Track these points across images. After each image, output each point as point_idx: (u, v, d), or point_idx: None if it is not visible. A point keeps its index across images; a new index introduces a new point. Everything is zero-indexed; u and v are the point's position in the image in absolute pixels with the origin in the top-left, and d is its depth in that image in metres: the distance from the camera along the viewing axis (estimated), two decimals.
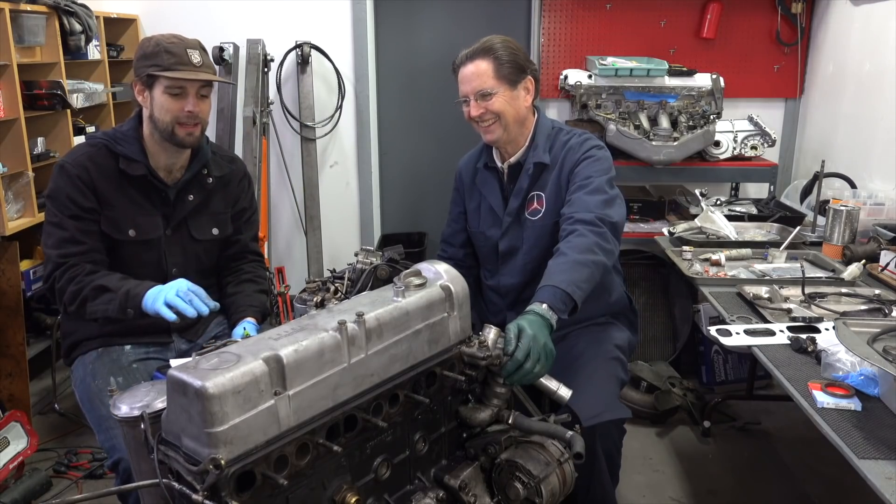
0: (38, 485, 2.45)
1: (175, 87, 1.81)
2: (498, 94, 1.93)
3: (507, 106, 1.94)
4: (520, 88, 1.95)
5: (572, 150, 1.98)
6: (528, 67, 1.96)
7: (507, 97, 1.94)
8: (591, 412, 1.75)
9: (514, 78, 1.93)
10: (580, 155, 1.96)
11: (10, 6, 2.67)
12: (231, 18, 3.70)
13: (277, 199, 3.96)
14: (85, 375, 1.86)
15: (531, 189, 2.02)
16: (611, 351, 1.99)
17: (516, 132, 2.00)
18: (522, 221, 2.04)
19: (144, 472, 1.16)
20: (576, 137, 2.01)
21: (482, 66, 1.92)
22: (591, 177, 1.92)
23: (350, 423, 1.18)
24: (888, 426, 1.44)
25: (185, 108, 1.82)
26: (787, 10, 3.61)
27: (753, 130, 3.44)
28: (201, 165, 1.98)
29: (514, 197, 2.04)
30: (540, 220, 2.00)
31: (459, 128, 4.05)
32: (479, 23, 3.89)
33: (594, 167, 1.94)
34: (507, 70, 1.92)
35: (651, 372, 3.07)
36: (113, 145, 1.87)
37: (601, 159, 1.96)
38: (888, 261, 2.25)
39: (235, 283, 2.10)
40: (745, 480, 2.60)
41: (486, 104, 1.94)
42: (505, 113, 1.94)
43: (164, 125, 1.83)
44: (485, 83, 1.92)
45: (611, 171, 1.96)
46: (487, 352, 1.39)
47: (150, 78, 1.82)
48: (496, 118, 1.95)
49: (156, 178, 1.91)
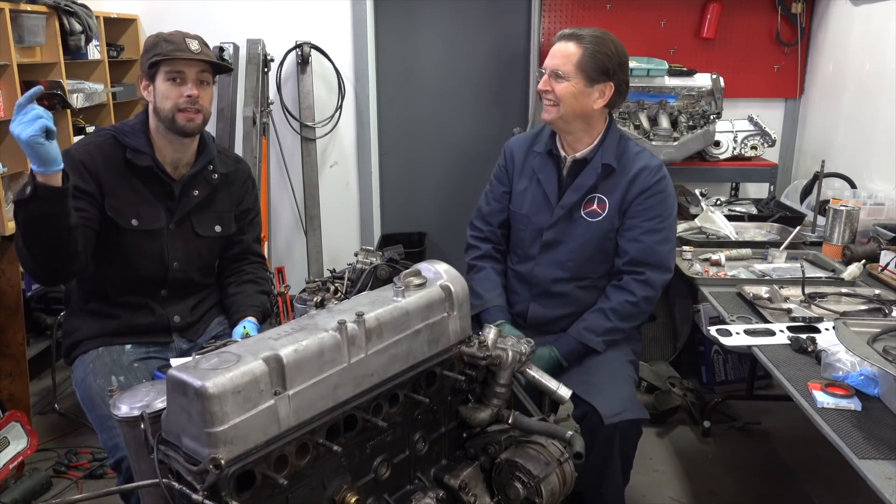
0: (38, 485, 2.45)
1: (173, 72, 1.82)
2: (569, 82, 1.92)
3: (570, 97, 1.93)
4: (595, 88, 1.93)
5: (647, 171, 1.99)
6: (615, 75, 1.94)
7: (576, 88, 1.92)
8: (612, 410, 1.79)
9: (593, 76, 1.92)
10: (654, 182, 1.98)
11: (10, 6, 2.66)
12: (231, 18, 3.71)
13: (277, 199, 3.96)
14: (85, 375, 1.86)
15: (594, 189, 2.01)
16: (627, 354, 2.05)
17: (576, 126, 1.99)
18: (575, 218, 2.03)
19: (144, 472, 1.16)
20: (648, 156, 2.03)
21: (570, 49, 1.92)
22: (662, 217, 1.99)
23: (350, 423, 1.18)
24: (888, 426, 1.43)
25: (185, 93, 1.83)
26: (787, 10, 3.61)
27: (753, 130, 3.44)
28: (207, 161, 1.99)
29: (573, 191, 2.03)
30: (597, 224, 2.01)
31: (460, 128, 4.07)
32: (479, 23, 3.90)
33: (665, 206, 2.00)
34: (589, 64, 1.91)
35: (651, 372, 3.07)
36: (121, 137, 1.88)
37: (670, 195, 2.02)
38: (888, 261, 2.25)
39: (237, 283, 2.10)
40: (745, 480, 2.60)
41: (555, 84, 1.94)
42: (564, 101, 1.93)
43: (165, 113, 1.84)
44: (563, 65, 1.92)
45: (675, 207, 2.07)
46: (487, 352, 1.39)
47: (152, 70, 1.83)
48: (556, 101, 1.95)
49: (162, 172, 1.91)
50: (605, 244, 2.02)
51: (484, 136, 4.04)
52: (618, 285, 2.01)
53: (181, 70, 1.83)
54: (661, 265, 1.99)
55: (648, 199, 1.98)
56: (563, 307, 2.07)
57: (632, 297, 1.97)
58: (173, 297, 1.99)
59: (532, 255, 2.10)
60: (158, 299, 1.97)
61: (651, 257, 1.98)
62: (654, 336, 3.42)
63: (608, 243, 2.03)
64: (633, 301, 1.97)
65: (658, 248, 1.98)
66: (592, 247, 2.03)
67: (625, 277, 2.00)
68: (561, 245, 2.05)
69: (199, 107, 1.86)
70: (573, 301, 2.06)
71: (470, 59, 3.94)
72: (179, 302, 2.00)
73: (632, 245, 1.99)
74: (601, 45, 1.91)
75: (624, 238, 2.00)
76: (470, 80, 3.97)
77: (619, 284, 2.00)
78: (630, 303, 1.97)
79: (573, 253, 2.04)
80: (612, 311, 1.98)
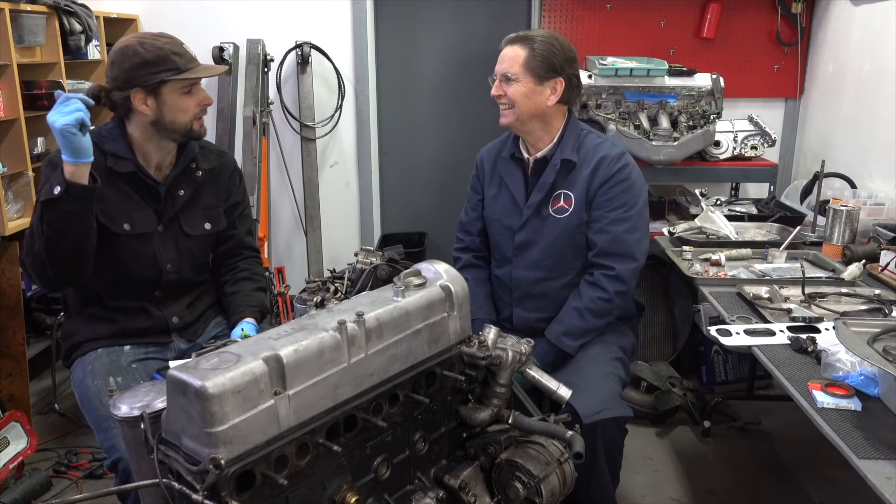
0: (38, 485, 2.45)
1: (188, 85, 1.84)
2: (519, 83, 1.96)
3: (523, 97, 1.96)
4: (546, 86, 1.97)
5: (607, 160, 2.01)
6: (563, 70, 1.97)
7: (527, 89, 1.96)
8: (591, 409, 1.77)
9: (541, 74, 1.95)
10: (615, 171, 2.00)
11: (10, 6, 2.66)
12: (231, 18, 3.70)
13: (277, 199, 3.96)
14: (84, 376, 1.86)
15: (557, 186, 2.05)
16: (613, 351, 2.03)
17: (534, 126, 2.03)
18: (544, 216, 2.06)
19: (144, 472, 1.16)
20: (609, 145, 2.05)
21: (516, 52, 1.96)
22: (628, 206, 1.99)
23: (350, 423, 1.18)
24: (888, 426, 1.44)
25: (201, 103, 1.87)
26: (787, 10, 3.61)
27: (753, 130, 3.43)
28: (189, 160, 1.97)
29: (537, 191, 2.06)
30: (565, 220, 2.04)
31: (460, 127, 4.06)
32: (479, 23, 3.90)
33: (631, 194, 2.00)
34: (536, 64, 1.94)
35: (651, 372, 3.07)
36: (101, 143, 1.85)
37: (635, 184, 2.02)
38: (888, 261, 2.25)
39: (232, 281, 2.09)
40: (745, 480, 2.60)
41: (506, 88, 1.98)
42: (519, 103, 1.97)
43: (181, 125, 1.85)
44: (511, 68, 1.96)
45: (644, 193, 2.05)
46: (487, 352, 1.39)
47: (159, 83, 1.80)
48: (511, 104, 1.98)
49: (144, 175, 1.90)
50: (576, 238, 2.05)
51: (484, 135, 3.98)
52: (591, 281, 2.03)
53: (195, 82, 1.85)
54: (629, 254, 2.00)
55: (612, 189, 1.99)
56: (546, 310, 2.08)
57: (604, 294, 1.99)
58: (168, 297, 1.98)
59: (509, 258, 2.13)
60: (153, 301, 1.96)
61: (619, 247, 1.99)
62: (654, 336, 3.42)
63: (579, 237, 2.05)
64: (606, 298, 1.99)
65: (626, 237, 2.00)
66: (564, 242, 2.05)
67: (595, 273, 2.02)
68: (534, 245, 2.08)
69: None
70: (555, 303, 2.08)
71: (470, 59, 3.93)
72: (175, 302, 1.99)
73: (599, 236, 2.01)
74: (545, 44, 1.95)
75: (592, 230, 2.03)
76: (470, 79, 3.96)
77: (592, 280, 2.03)
78: (603, 300, 1.99)
79: (546, 251, 2.06)
80: (587, 311, 2.00)
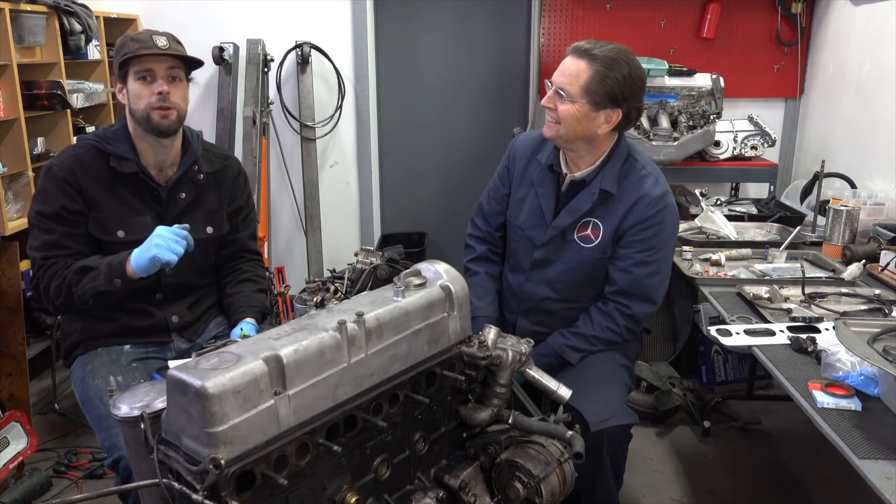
0: (38, 485, 2.45)
1: (143, 71, 1.81)
2: (574, 105, 1.80)
3: (572, 119, 1.81)
4: (601, 113, 1.81)
5: (646, 200, 1.88)
6: (625, 102, 1.80)
7: (580, 113, 1.80)
8: (599, 417, 1.77)
9: (599, 101, 1.79)
10: (651, 214, 1.88)
11: (10, 6, 2.67)
12: (231, 18, 3.70)
13: (277, 199, 3.96)
14: (84, 375, 1.86)
15: (589, 214, 1.93)
16: (619, 358, 2.01)
17: (578, 147, 1.89)
18: (568, 240, 1.97)
19: (144, 472, 1.16)
20: (651, 183, 1.90)
21: (580, 68, 1.79)
22: (655, 249, 1.91)
23: (350, 423, 1.18)
24: (888, 426, 1.44)
25: (155, 90, 1.81)
26: (787, 10, 3.61)
27: (753, 130, 3.44)
28: (191, 162, 1.96)
29: (568, 213, 1.95)
30: (589, 250, 1.94)
31: (460, 127, 4.06)
32: (479, 22, 3.90)
33: (661, 238, 1.91)
34: (597, 88, 1.78)
35: (651, 372, 3.07)
36: (103, 145, 1.86)
37: (667, 226, 1.92)
38: (888, 261, 2.25)
39: (234, 282, 2.09)
40: (745, 480, 2.60)
41: (558, 103, 1.82)
42: (566, 124, 1.82)
43: (140, 113, 1.82)
44: (569, 85, 1.80)
45: (674, 236, 2.00)
46: (487, 352, 1.39)
47: (122, 70, 1.83)
48: (559, 121, 1.84)
49: (147, 177, 1.89)
50: (595, 271, 1.97)
51: (484, 135, 4.04)
52: (604, 311, 1.97)
53: (150, 68, 1.81)
54: (647, 298, 1.95)
55: (644, 231, 1.89)
56: (551, 325, 2.04)
57: (615, 327, 1.96)
58: (169, 299, 1.98)
59: (524, 268, 2.06)
60: (154, 302, 1.96)
61: (639, 290, 1.94)
62: (654, 336, 3.42)
63: (599, 272, 1.97)
64: (616, 331, 1.96)
65: (647, 280, 1.93)
66: (583, 273, 1.97)
67: (610, 305, 1.96)
68: (552, 265, 2.01)
69: (171, 104, 1.83)
70: (562, 320, 2.04)
71: (470, 59, 3.94)
72: (176, 303, 1.99)
73: (621, 276, 1.93)
74: (613, 69, 1.77)
75: (614, 267, 1.94)
76: (470, 79, 3.97)
77: (606, 311, 1.97)
78: (613, 331, 1.96)
79: (563, 275, 1.99)
80: (595, 338, 1.96)
